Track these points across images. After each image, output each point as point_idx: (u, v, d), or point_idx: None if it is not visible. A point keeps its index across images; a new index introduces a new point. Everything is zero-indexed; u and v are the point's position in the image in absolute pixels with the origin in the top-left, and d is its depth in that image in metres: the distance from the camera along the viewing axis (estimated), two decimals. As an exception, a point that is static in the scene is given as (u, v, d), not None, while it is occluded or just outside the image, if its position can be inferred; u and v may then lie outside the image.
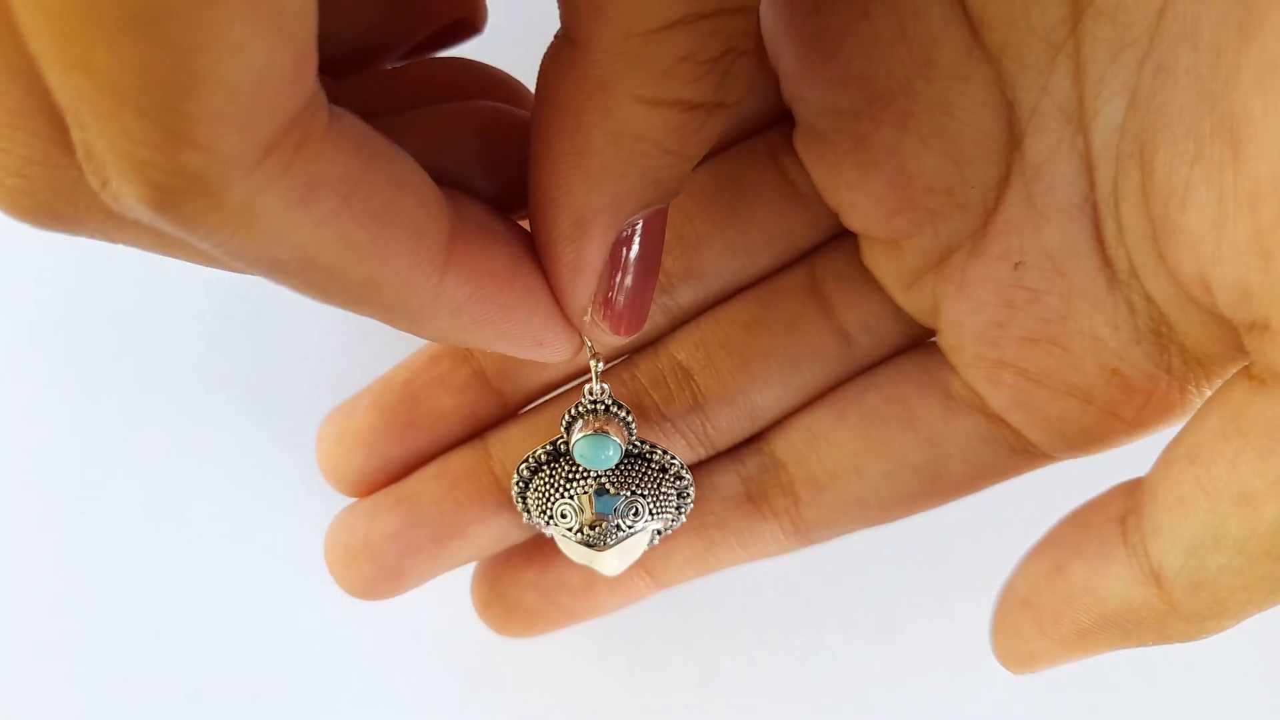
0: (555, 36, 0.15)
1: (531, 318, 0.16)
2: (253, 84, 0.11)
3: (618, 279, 0.16)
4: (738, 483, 0.22)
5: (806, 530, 0.22)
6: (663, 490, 0.21)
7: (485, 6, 0.19)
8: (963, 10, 0.18)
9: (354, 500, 0.23)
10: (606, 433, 0.20)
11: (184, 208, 0.11)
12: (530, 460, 0.21)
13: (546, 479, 0.21)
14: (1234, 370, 0.19)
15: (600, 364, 0.20)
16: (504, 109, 0.17)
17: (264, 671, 0.28)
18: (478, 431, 0.22)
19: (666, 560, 0.23)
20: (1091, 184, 0.18)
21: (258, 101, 0.11)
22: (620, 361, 0.22)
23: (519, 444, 0.22)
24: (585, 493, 0.21)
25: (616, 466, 0.21)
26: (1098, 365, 0.19)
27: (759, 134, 0.22)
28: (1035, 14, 0.18)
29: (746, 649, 0.28)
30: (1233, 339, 0.18)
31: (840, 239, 0.22)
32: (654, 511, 0.21)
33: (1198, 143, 0.16)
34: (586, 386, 0.21)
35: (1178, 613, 0.16)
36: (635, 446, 0.21)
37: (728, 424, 0.22)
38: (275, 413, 0.29)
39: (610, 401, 0.21)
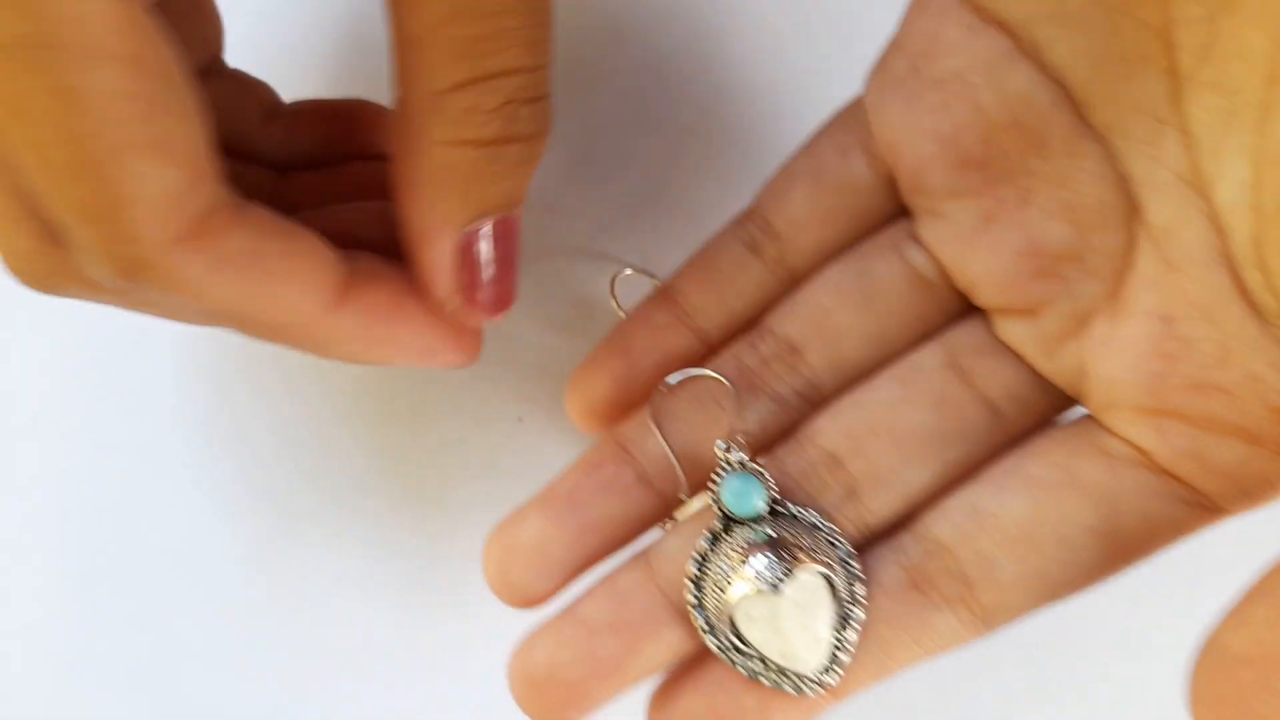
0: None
1: (416, 335, 0.20)
2: (159, 197, 0.16)
3: (475, 273, 0.20)
4: (900, 573, 0.21)
5: (985, 615, 0.21)
6: (819, 543, 0.21)
7: None
8: (1067, 94, 0.20)
9: (523, 612, 0.22)
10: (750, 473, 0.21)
11: (137, 275, 0.17)
12: (696, 556, 0.21)
13: (717, 561, 0.21)
14: None
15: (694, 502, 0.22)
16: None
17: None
18: (641, 531, 0.23)
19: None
20: (1223, 239, 0.19)
21: (166, 207, 0.16)
22: (766, 457, 0.23)
23: (679, 556, 0.22)
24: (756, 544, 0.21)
25: (775, 521, 0.21)
26: (1263, 405, 0.19)
27: (880, 230, 0.23)
28: (1136, 92, 0.19)
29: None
30: None
31: (968, 317, 0.23)
32: (814, 553, 0.20)
33: None
34: (718, 444, 0.22)
35: None
36: (782, 505, 0.21)
37: (883, 506, 0.22)
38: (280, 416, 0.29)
39: (747, 458, 0.21)
